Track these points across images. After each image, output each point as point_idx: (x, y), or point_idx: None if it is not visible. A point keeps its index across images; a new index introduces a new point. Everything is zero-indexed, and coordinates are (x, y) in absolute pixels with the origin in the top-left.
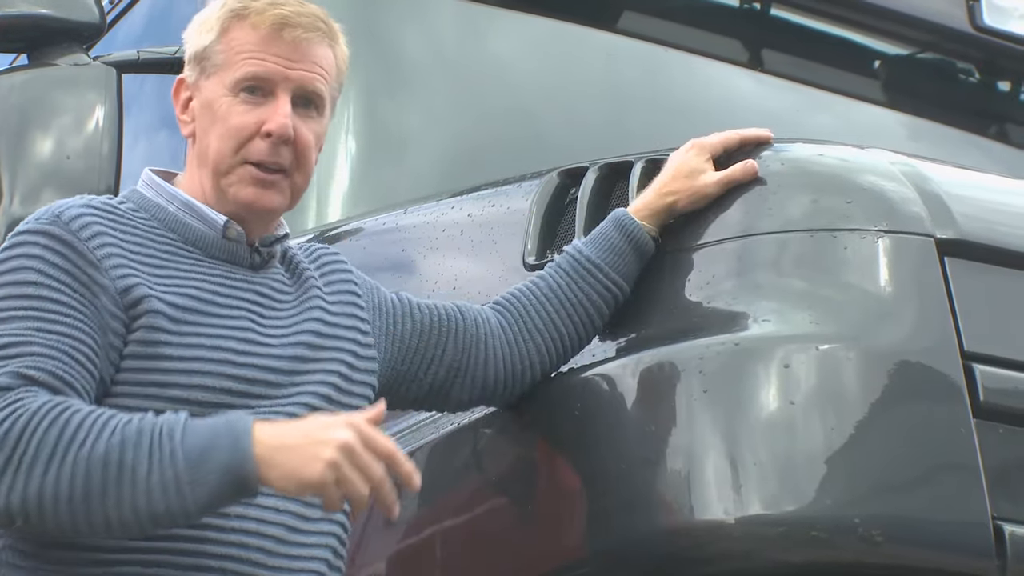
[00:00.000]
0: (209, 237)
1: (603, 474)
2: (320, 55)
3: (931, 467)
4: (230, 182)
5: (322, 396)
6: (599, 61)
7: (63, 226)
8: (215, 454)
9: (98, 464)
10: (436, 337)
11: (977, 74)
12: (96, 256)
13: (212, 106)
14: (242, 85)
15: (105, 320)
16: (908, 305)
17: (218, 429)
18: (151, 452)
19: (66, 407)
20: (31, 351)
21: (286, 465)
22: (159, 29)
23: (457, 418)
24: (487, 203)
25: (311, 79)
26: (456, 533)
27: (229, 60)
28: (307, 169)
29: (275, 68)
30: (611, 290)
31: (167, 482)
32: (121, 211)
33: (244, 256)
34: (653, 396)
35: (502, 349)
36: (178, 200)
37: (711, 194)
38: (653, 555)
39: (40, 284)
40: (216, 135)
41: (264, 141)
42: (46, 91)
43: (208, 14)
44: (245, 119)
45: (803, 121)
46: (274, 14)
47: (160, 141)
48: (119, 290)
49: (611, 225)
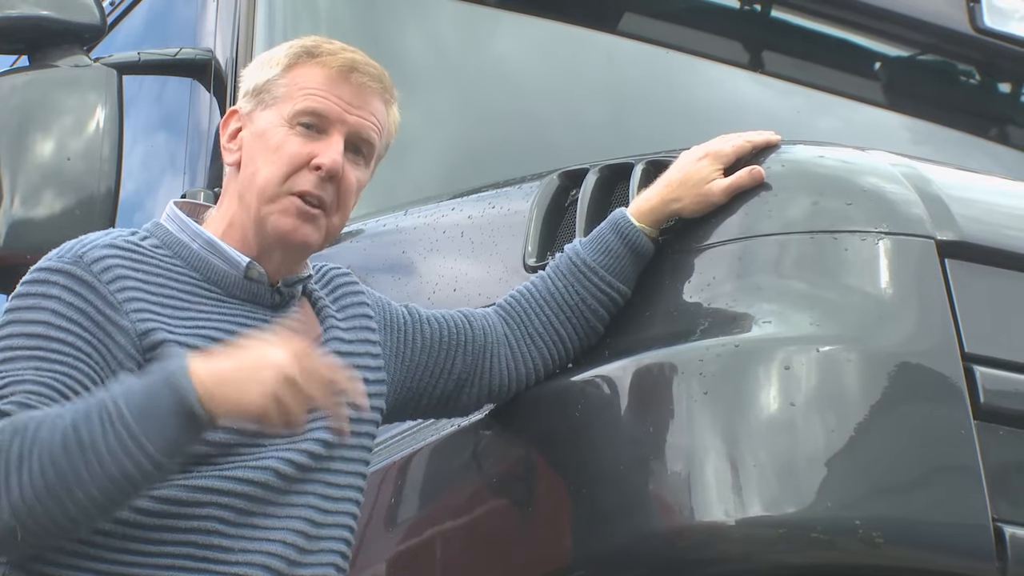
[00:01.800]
0: (231, 277)
1: (603, 476)
2: (378, 108)
3: (931, 469)
4: (272, 210)
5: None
6: (600, 63)
7: (85, 267)
8: (159, 402)
9: (59, 449)
10: (446, 351)
11: (977, 76)
12: (116, 299)
13: (265, 135)
14: (300, 119)
15: (120, 359)
16: (908, 307)
17: (155, 379)
18: (101, 420)
19: (24, 415)
20: (21, 389)
21: (227, 397)
22: (159, 31)
23: (457, 420)
24: (487, 205)
25: (366, 127)
26: (456, 535)
27: (290, 93)
28: (345, 212)
29: (335, 108)
30: (609, 294)
31: (123, 440)
32: (144, 250)
33: (265, 296)
34: (653, 398)
35: (507, 355)
36: (201, 238)
37: (717, 202)
38: (653, 557)
39: (51, 325)
40: (266, 161)
41: (312, 174)
42: (47, 93)
43: (274, 52)
44: (298, 149)
45: (803, 123)
46: (345, 57)
47: (159, 142)
48: (139, 333)
49: (609, 229)
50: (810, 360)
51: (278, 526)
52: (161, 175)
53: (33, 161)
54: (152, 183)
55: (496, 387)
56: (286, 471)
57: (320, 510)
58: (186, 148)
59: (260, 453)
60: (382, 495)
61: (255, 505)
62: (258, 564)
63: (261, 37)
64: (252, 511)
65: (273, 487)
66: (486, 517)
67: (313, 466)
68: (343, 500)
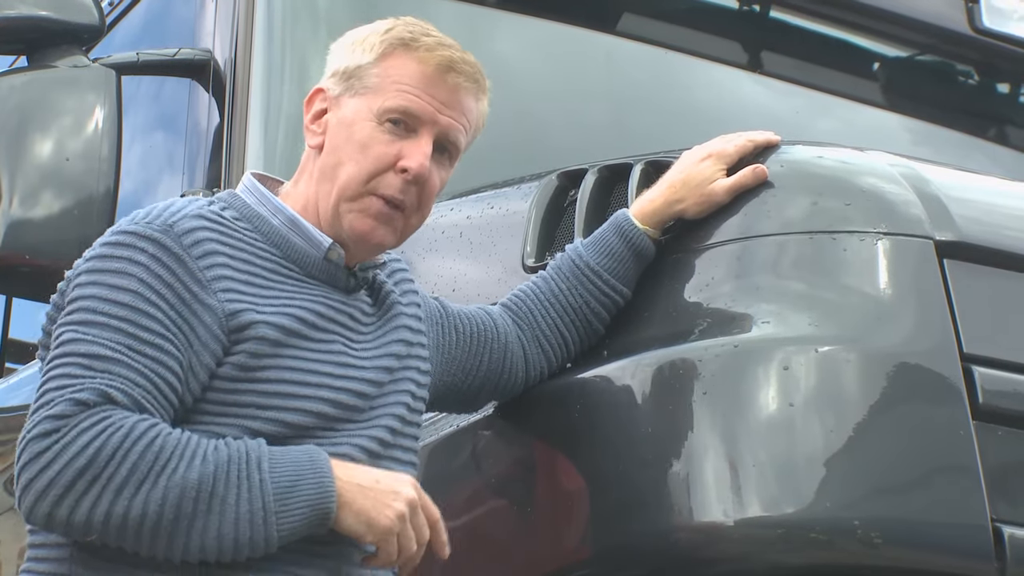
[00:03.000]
0: (311, 257)
1: (602, 476)
2: (469, 107)
3: (930, 469)
4: (351, 208)
5: (397, 416)
6: (599, 63)
7: (175, 238)
8: (302, 487)
9: (191, 490)
10: (476, 348)
11: (976, 76)
12: (206, 276)
13: (352, 127)
14: (390, 115)
15: (204, 340)
16: (907, 307)
17: (302, 462)
18: (239, 480)
19: (159, 430)
20: (119, 372)
21: (361, 506)
22: (158, 31)
23: (457, 420)
24: (486, 205)
25: (456, 128)
26: (455, 535)
27: (383, 86)
28: (424, 212)
29: (428, 108)
30: (611, 296)
31: (255, 512)
32: (228, 223)
33: (341, 279)
34: (652, 398)
35: (520, 357)
36: (283, 215)
37: (721, 202)
38: (652, 556)
39: (139, 295)
40: (351, 158)
41: (397, 177)
42: (46, 93)
43: (367, 33)
44: (386, 150)
45: (802, 123)
46: (443, 55)
47: (158, 142)
48: (227, 313)
49: (612, 230)
50: (809, 360)
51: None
52: (160, 175)
53: (32, 161)
54: (151, 183)
55: (508, 386)
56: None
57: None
58: (185, 148)
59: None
60: None
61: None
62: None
63: (260, 37)
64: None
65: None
66: (485, 517)
67: (381, 453)
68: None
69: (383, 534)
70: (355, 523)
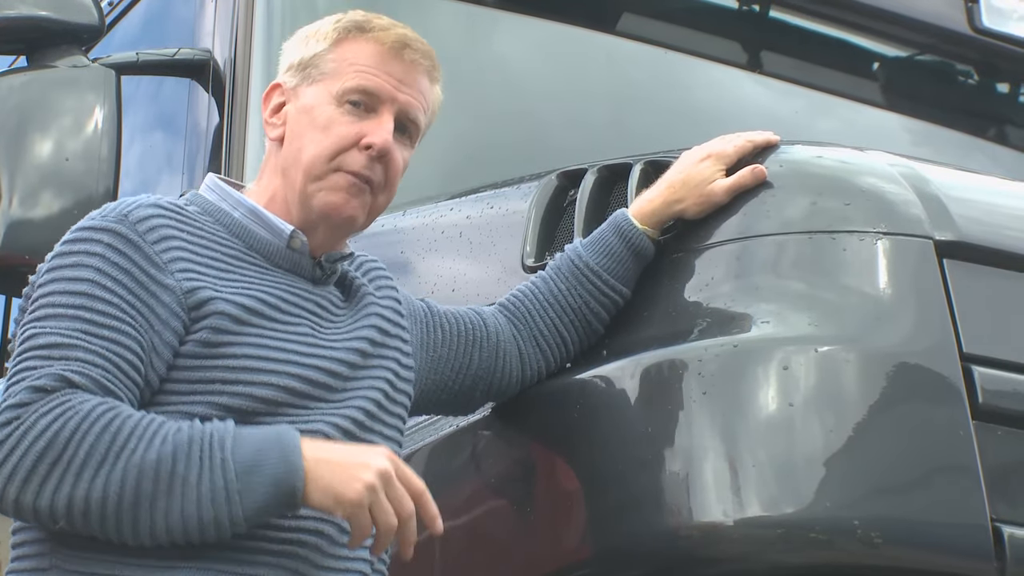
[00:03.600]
0: (273, 245)
1: (602, 476)
2: (426, 87)
3: (930, 469)
4: (320, 187)
5: (373, 400)
6: (598, 63)
7: (130, 226)
8: (266, 465)
9: (149, 471)
10: (464, 347)
11: (976, 76)
12: (162, 259)
13: (312, 112)
14: (349, 96)
15: (164, 319)
16: (907, 307)
17: (268, 440)
18: (202, 460)
19: (117, 411)
20: (75, 355)
21: (329, 480)
22: (157, 31)
23: (456, 420)
24: (486, 205)
25: (415, 106)
26: (455, 535)
27: (340, 69)
28: (391, 191)
29: (386, 86)
30: (610, 296)
31: (217, 490)
32: (188, 213)
33: (306, 268)
34: (652, 398)
35: (515, 356)
36: (244, 206)
37: (720, 203)
38: (652, 556)
39: (95, 283)
40: (313, 140)
41: (361, 153)
42: (45, 93)
43: (319, 26)
44: (347, 129)
45: (802, 123)
46: (398, 33)
47: (157, 142)
48: (185, 291)
49: (611, 230)
50: (808, 360)
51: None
52: (159, 175)
53: (31, 161)
54: (150, 183)
55: (504, 386)
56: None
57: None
58: (184, 148)
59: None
60: None
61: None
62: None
63: (259, 37)
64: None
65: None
66: (485, 517)
67: (357, 434)
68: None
69: (352, 507)
70: (323, 498)
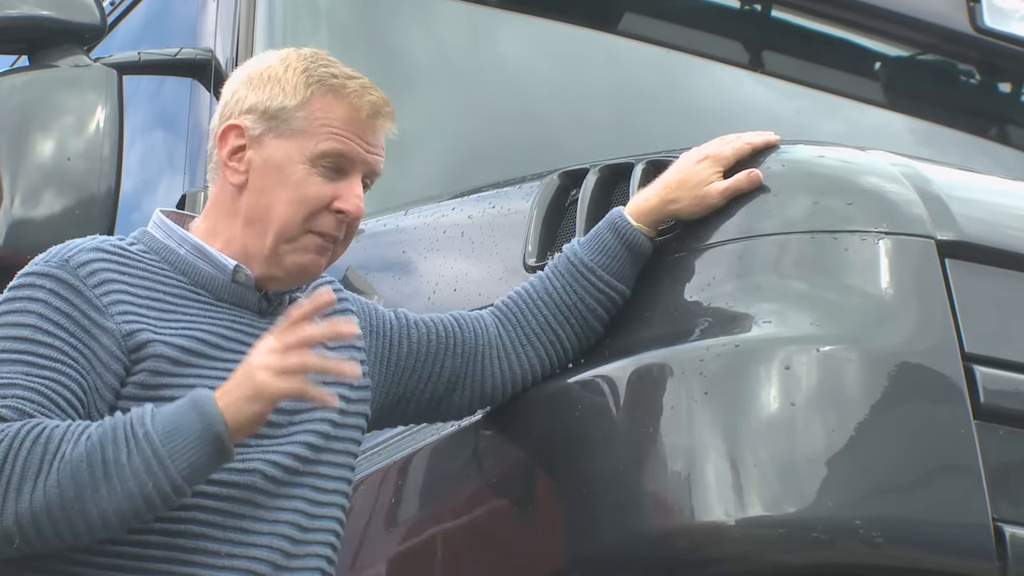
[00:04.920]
0: (218, 280)
1: (603, 476)
2: (384, 141)
3: (932, 469)
4: (292, 248)
5: (319, 433)
6: (600, 63)
7: (71, 271)
8: (185, 425)
9: (81, 464)
10: (433, 354)
11: (977, 76)
12: (102, 303)
13: (283, 170)
14: (324, 160)
15: (105, 362)
16: (909, 307)
17: (182, 405)
18: (127, 439)
19: (43, 425)
20: (12, 393)
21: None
22: (159, 30)
23: (456, 421)
24: (487, 205)
25: (380, 163)
26: (455, 536)
27: (311, 129)
28: (349, 241)
29: (359, 151)
30: (607, 293)
31: (148, 460)
32: (131, 253)
33: (252, 301)
34: (653, 398)
35: (500, 357)
36: (188, 243)
37: (715, 204)
38: (653, 557)
39: (37, 328)
40: (285, 202)
41: (332, 216)
42: (47, 92)
43: (282, 71)
44: (320, 191)
45: (803, 122)
46: (371, 101)
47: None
48: (124, 334)
49: (607, 228)
50: (810, 360)
51: (264, 530)
52: (161, 175)
53: (33, 161)
54: (152, 183)
55: (490, 389)
56: (272, 473)
57: (307, 515)
58: (186, 148)
59: (245, 454)
60: (382, 496)
61: (241, 507)
62: (243, 569)
63: (261, 36)
64: (239, 513)
65: (260, 489)
66: (485, 518)
67: (300, 469)
68: (329, 505)
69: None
70: (250, 415)
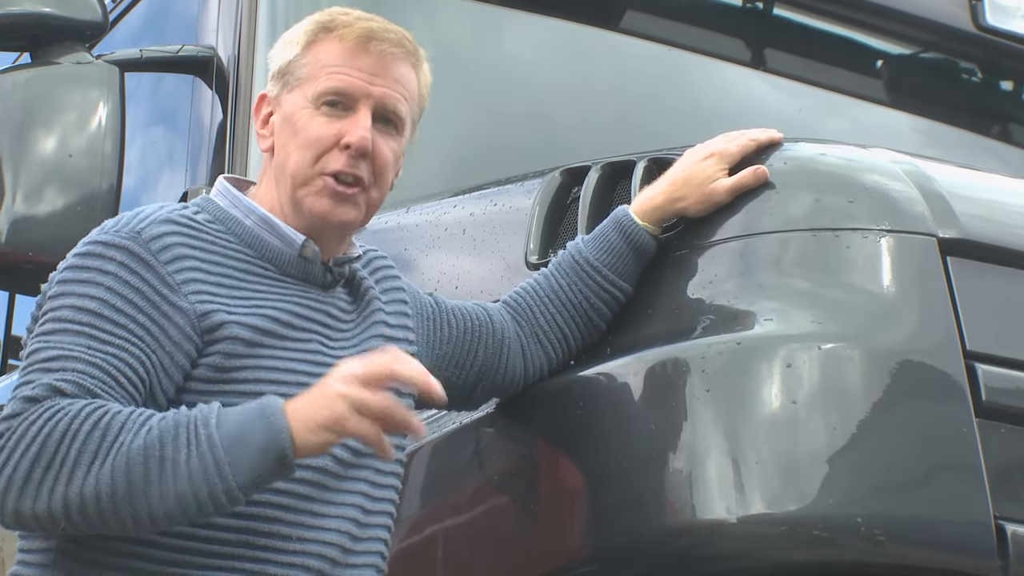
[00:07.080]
0: (285, 255)
1: (605, 473)
2: (403, 74)
3: (933, 466)
4: (306, 193)
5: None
6: (604, 61)
7: (143, 244)
8: (251, 434)
9: (138, 458)
10: (470, 343)
11: (979, 74)
12: (175, 280)
13: (292, 119)
14: (324, 99)
15: (177, 341)
16: (910, 305)
17: (250, 411)
18: (188, 440)
19: (106, 409)
20: (73, 367)
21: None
22: (161, 27)
23: (459, 417)
24: (489, 202)
25: (393, 97)
26: (458, 532)
27: (313, 73)
28: (384, 185)
29: (357, 83)
30: (611, 292)
31: (207, 466)
32: (199, 225)
33: (318, 275)
34: (655, 395)
35: (518, 353)
36: (256, 215)
37: (721, 202)
38: (655, 554)
39: (104, 302)
40: (295, 146)
41: (342, 153)
42: (49, 89)
43: (295, 30)
44: (324, 130)
45: (805, 120)
46: (361, 27)
47: (161, 139)
48: (198, 314)
49: (612, 226)
50: (812, 358)
51: (334, 513)
52: (163, 172)
53: (35, 158)
54: (154, 180)
55: (507, 383)
56: (342, 455)
57: (370, 497)
58: (188, 145)
59: None
60: None
61: (312, 490)
62: (315, 553)
63: (263, 34)
64: (310, 496)
65: (330, 472)
66: (488, 514)
67: (363, 450)
68: (388, 487)
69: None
70: (317, 443)
